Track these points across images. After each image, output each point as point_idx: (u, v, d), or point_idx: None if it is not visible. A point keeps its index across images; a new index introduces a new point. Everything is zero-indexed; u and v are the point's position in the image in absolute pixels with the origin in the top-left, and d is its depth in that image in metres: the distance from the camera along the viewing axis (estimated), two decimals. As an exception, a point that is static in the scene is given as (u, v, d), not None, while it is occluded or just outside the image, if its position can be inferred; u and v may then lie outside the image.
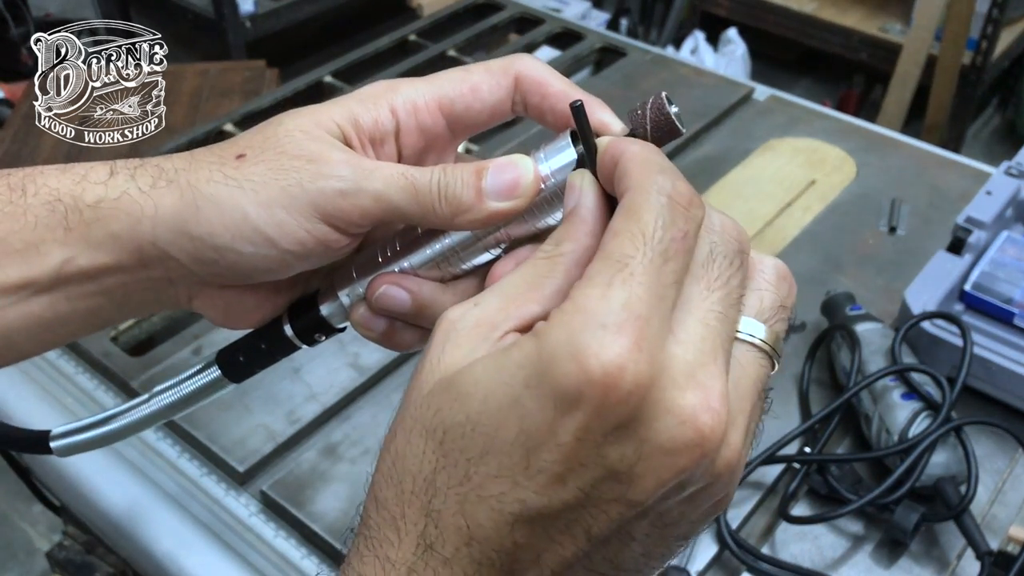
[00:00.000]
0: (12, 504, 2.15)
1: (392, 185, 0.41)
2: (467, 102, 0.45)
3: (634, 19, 3.51)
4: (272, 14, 2.85)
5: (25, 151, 1.97)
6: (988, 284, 1.01)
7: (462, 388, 0.34)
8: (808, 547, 0.86)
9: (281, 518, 0.89)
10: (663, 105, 0.41)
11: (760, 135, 1.38)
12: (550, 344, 0.32)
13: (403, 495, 0.35)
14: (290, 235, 0.41)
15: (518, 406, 0.33)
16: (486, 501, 0.34)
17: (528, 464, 0.33)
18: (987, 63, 2.96)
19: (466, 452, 0.34)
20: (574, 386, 0.32)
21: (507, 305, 0.37)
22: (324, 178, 0.41)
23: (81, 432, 0.53)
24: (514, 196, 0.41)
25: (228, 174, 0.41)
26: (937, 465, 0.84)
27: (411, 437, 0.35)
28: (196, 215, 0.41)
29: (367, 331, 0.46)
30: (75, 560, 1.05)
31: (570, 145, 0.42)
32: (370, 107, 0.44)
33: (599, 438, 0.32)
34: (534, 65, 0.45)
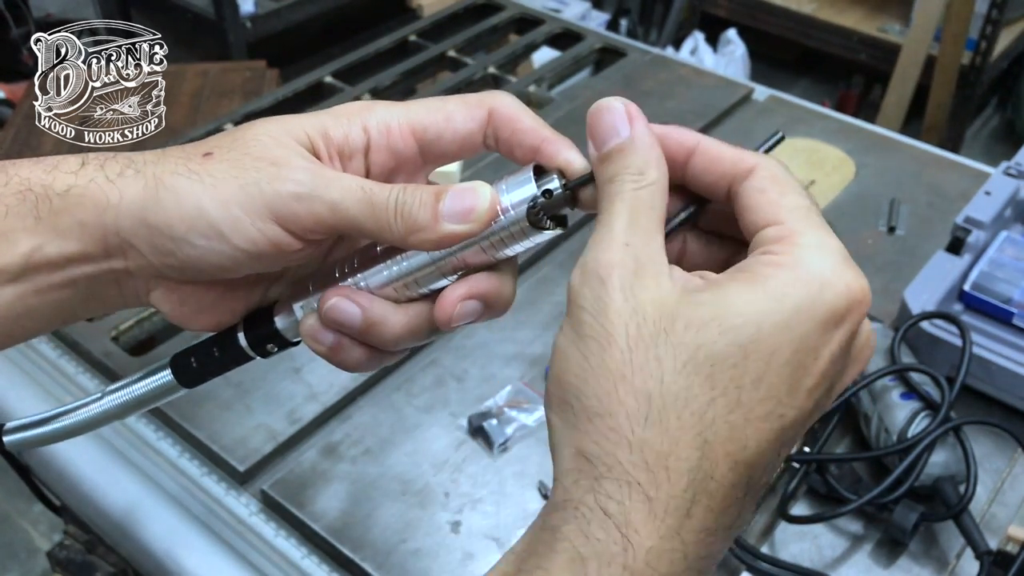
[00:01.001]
0: (13, 504, 2.15)
1: (349, 196, 0.42)
2: (440, 130, 0.46)
3: (634, 20, 3.51)
4: (272, 15, 2.85)
5: (26, 151, 1.97)
6: (987, 284, 1.01)
7: (726, 321, 0.36)
8: (807, 547, 0.86)
9: (281, 518, 0.89)
10: None
11: (760, 135, 1.38)
12: (814, 273, 0.37)
13: (670, 430, 0.36)
14: (242, 233, 0.42)
15: (790, 329, 0.37)
16: (752, 423, 0.36)
17: (794, 381, 0.37)
18: (986, 63, 2.96)
19: (736, 380, 0.36)
20: (844, 305, 0.37)
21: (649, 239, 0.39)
22: (281, 181, 0.42)
23: (33, 427, 0.53)
24: (469, 220, 0.42)
25: (192, 168, 0.43)
26: (936, 465, 0.84)
27: (665, 374, 0.36)
28: (156, 204, 0.42)
29: (315, 344, 0.47)
30: (76, 559, 1.05)
31: (531, 180, 0.43)
32: (343, 122, 0.45)
33: (845, 350, 0.38)
34: (508, 102, 0.46)
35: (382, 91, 1.46)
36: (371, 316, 0.45)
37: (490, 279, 0.44)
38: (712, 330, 0.36)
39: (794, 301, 0.37)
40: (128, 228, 0.43)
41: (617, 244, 0.39)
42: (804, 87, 3.56)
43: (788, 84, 3.43)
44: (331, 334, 0.46)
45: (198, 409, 0.96)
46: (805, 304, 0.37)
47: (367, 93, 1.44)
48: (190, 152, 0.44)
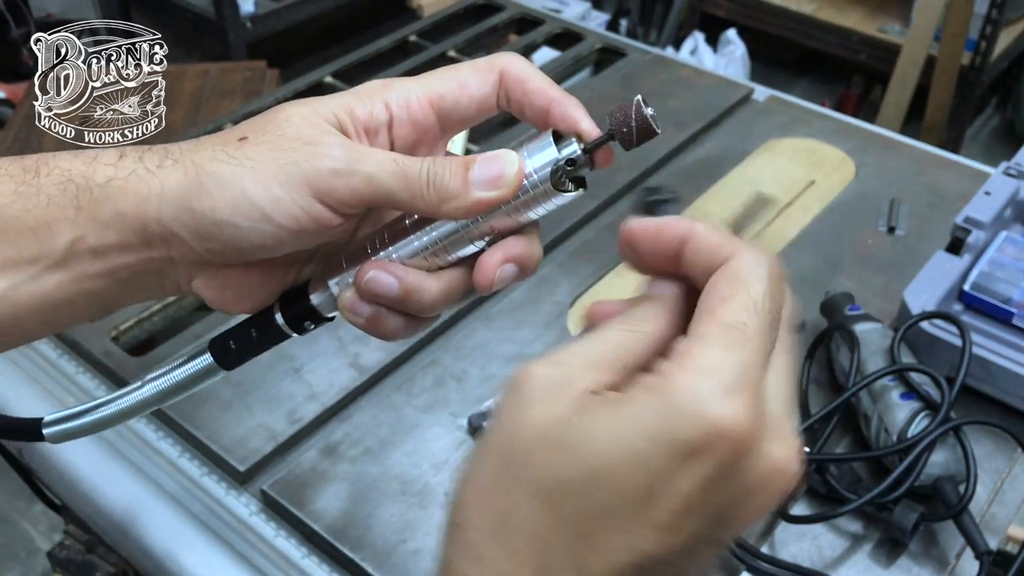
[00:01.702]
0: (13, 504, 2.16)
1: (383, 169, 0.44)
2: (456, 97, 0.48)
3: (634, 20, 3.51)
4: (272, 15, 2.85)
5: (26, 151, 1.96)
6: (987, 284, 1.01)
7: (577, 445, 0.35)
8: (807, 546, 0.87)
9: (281, 518, 0.89)
10: (640, 108, 0.45)
11: (759, 135, 1.39)
12: (677, 400, 0.35)
13: (513, 553, 0.36)
14: (285, 211, 0.44)
15: (641, 459, 0.35)
16: (601, 553, 0.35)
17: (647, 515, 0.35)
18: (986, 64, 2.96)
19: (583, 507, 0.35)
20: (700, 439, 0.34)
21: (590, 370, 0.38)
22: (319, 158, 0.44)
23: (73, 419, 0.53)
24: (499, 187, 0.44)
25: (230, 153, 0.44)
26: (936, 465, 0.84)
27: (517, 495, 0.36)
28: (199, 191, 0.44)
29: (354, 316, 0.48)
30: (76, 559, 1.05)
31: (552, 144, 0.45)
32: (365, 101, 0.47)
33: (714, 486, 0.35)
34: (517, 63, 0.48)
35: (382, 91, 1.46)
36: (408, 285, 0.46)
37: (520, 242, 0.46)
38: (565, 456, 0.36)
39: (647, 431, 0.35)
40: (170, 215, 0.44)
41: (554, 359, 0.39)
42: (804, 87, 3.56)
43: (788, 84, 3.43)
44: (369, 306, 0.47)
45: (198, 409, 0.96)
46: (656, 434, 0.34)
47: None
48: (226, 138, 0.45)
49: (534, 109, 0.47)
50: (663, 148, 1.34)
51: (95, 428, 0.53)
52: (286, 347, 0.98)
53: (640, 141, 0.45)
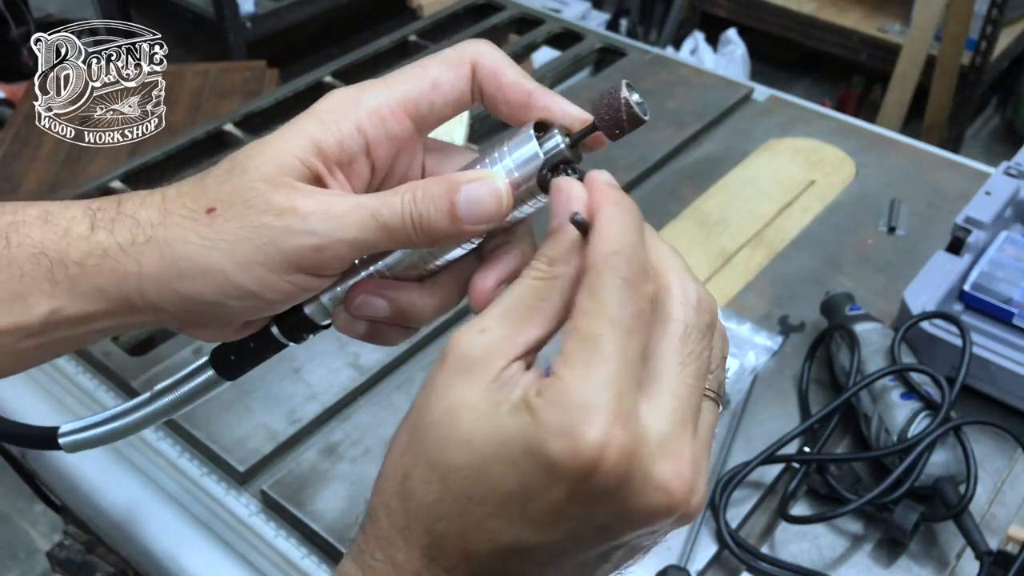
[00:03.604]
0: (13, 504, 2.15)
1: (365, 229, 0.42)
2: (429, 100, 0.45)
3: (634, 19, 3.50)
4: (272, 14, 2.85)
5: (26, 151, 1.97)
6: (987, 284, 1.01)
7: (468, 437, 0.37)
8: (807, 547, 0.86)
9: (281, 518, 0.89)
10: (626, 95, 0.41)
11: (760, 135, 1.39)
12: (543, 422, 0.35)
13: (409, 513, 0.38)
14: (272, 287, 0.43)
15: (517, 467, 0.36)
16: (484, 532, 0.37)
17: (523, 511, 0.36)
18: (986, 63, 2.96)
19: (467, 491, 0.37)
20: (567, 461, 0.35)
21: (512, 332, 0.38)
22: (296, 235, 0.41)
23: (88, 429, 0.54)
24: (491, 219, 0.42)
25: (202, 234, 0.42)
26: (936, 465, 0.84)
27: (419, 462, 0.38)
28: (179, 276, 0.43)
29: (350, 333, 0.47)
30: (76, 560, 1.05)
31: (533, 139, 0.42)
32: (332, 128, 0.43)
33: (587, 500, 0.36)
34: (489, 54, 0.45)
35: (382, 91, 1.46)
36: (398, 305, 0.45)
37: (514, 257, 0.44)
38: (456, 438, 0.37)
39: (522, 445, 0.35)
40: (154, 294, 0.43)
41: (475, 328, 0.38)
42: (804, 87, 3.56)
43: (788, 84, 3.43)
44: (363, 324, 0.47)
45: (198, 409, 0.96)
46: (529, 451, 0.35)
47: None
48: (193, 210, 0.43)
49: (510, 104, 0.44)
50: (663, 148, 1.34)
51: (108, 439, 0.54)
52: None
53: (628, 130, 0.42)
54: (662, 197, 1.27)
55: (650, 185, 1.30)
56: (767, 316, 1.09)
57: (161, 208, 0.43)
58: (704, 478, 0.38)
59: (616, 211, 0.39)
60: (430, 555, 0.38)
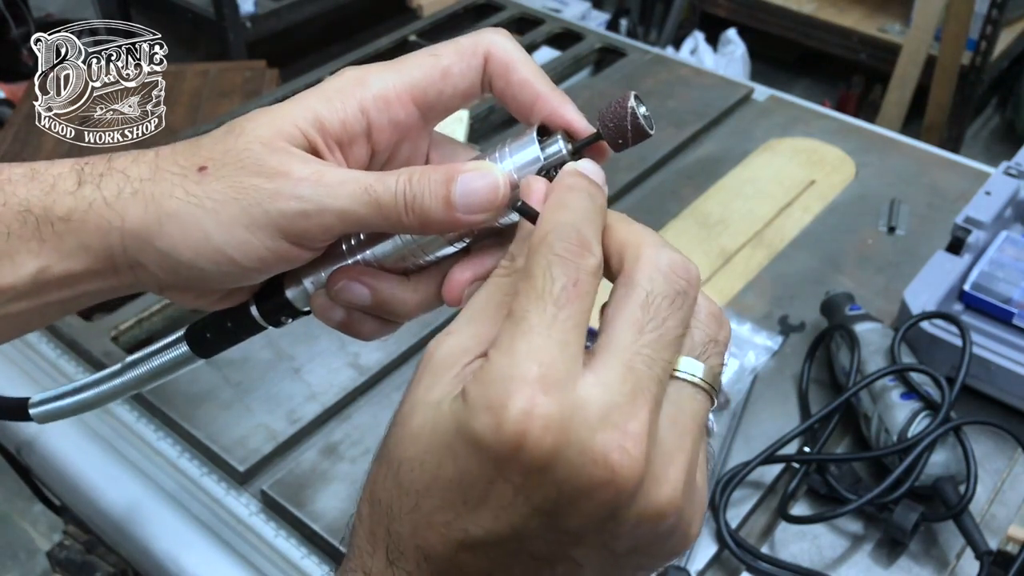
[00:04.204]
0: (12, 504, 2.15)
1: (356, 201, 0.41)
2: (439, 88, 0.44)
3: (634, 19, 3.51)
4: (272, 14, 2.85)
5: (26, 151, 1.97)
6: (987, 284, 1.01)
7: (413, 428, 0.36)
8: (807, 546, 0.86)
9: (281, 518, 0.89)
10: (633, 108, 0.41)
11: (760, 135, 1.39)
12: (470, 401, 0.34)
13: (374, 515, 0.38)
14: (252, 254, 0.42)
15: (452, 452, 0.35)
16: (435, 527, 0.36)
17: (466, 500, 0.35)
18: (986, 63, 2.96)
19: (415, 484, 0.36)
20: (492, 436, 0.33)
21: (478, 330, 0.38)
22: (284, 199, 0.41)
23: (58, 399, 0.54)
24: (484, 211, 0.40)
25: (189, 191, 0.42)
26: (936, 465, 0.84)
27: (380, 463, 0.38)
28: (160, 230, 0.42)
29: (326, 319, 0.46)
30: (75, 560, 1.05)
31: (535, 143, 0.42)
32: (337, 106, 0.43)
33: (521, 480, 0.34)
34: (503, 45, 0.44)
35: (382, 91, 1.46)
36: (380, 295, 0.45)
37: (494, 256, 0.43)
38: (405, 432, 0.37)
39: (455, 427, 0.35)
40: (135, 248, 0.43)
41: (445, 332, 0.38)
42: (804, 87, 3.56)
43: (788, 84, 3.43)
44: (341, 309, 0.46)
45: (198, 409, 0.96)
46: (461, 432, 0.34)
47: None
48: (184, 167, 0.42)
49: (518, 102, 0.44)
50: (663, 148, 1.34)
51: (78, 409, 0.54)
52: (286, 347, 0.98)
53: (633, 143, 0.42)
54: (662, 197, 1.27)
55: (650, 185, 1.30)
56: (767, 316, 1.09)
57: (153, 164, 0.43)
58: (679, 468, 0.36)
59: (563, 194, 0.38)
60: (390, 558, 0.37)
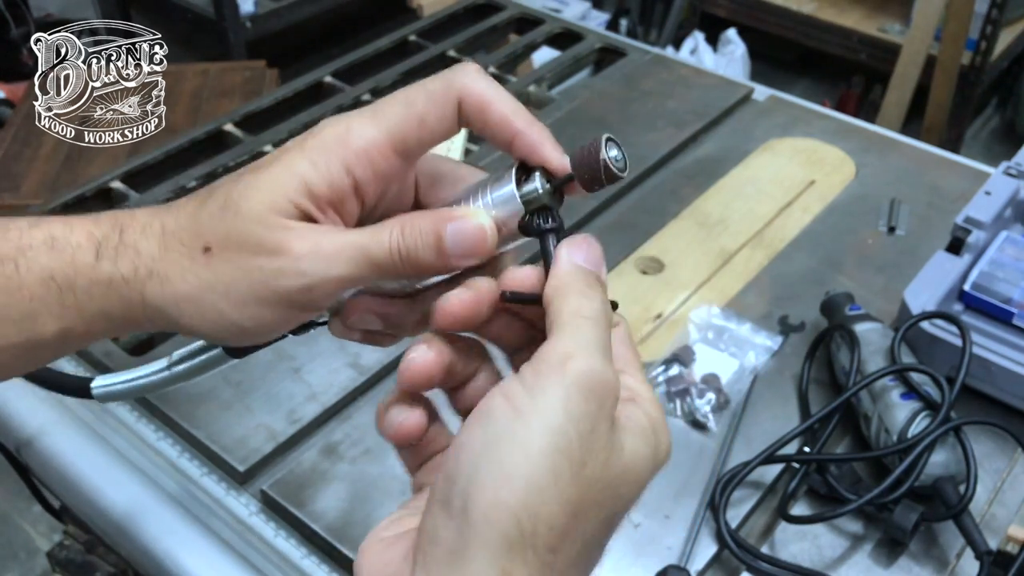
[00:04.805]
0: (13, 504, 2.16)
1: (355, 264, 0.44)
2: (417, 136, 0.45)
3: (634, 19, 3.51)
4: (272, 15, 2.85)
5: (26, 151, 1.97)
6: (987, 284, 1.01)
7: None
8: (807, 546, 0.86)
9: (281, 518, 0.89)
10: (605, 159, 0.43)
11: (760, 135, 1.39)
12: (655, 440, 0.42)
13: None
14: (266, 324, 0.45)
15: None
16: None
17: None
18: (986, 63, 2.96)
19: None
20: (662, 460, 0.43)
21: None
22: (288, 276, 0.44)
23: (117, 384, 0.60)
24: (476, 254, 0.44)
25: (200, 275, 0.45)
26: (936, 465, 0.84)
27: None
28: (179, 311, 0.45)
29: (346, 338, 0.50)
30: (76, 560, 1.05)
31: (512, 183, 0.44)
32: (322, 170, 0.44)
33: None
34: (475, 86, 0.45)
35: (382, 91, 1.46)
36: (390, 320, 0.49)
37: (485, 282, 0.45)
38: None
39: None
40: (158, 321, 0.47)
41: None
42: (804, 87, 3.56)
43: (788, 84, 3.43)
44: (358, 332, 0.50)
45: (198, 409, 0.96)
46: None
47: (368, 93, 1.44)
48: (188, 246, 0.45)
49: (496, 140, 0.45)
50: (663, 148, 1.34)
51: (132, 394, 0.60)
52: (286, 347, 0.98)
53: (600, 185, 0.43)
54: (662, 197, 1.27)
55: (650, 185, 1.30)
56: (767, 316, 1.09)
57: (160, 242, 0.46)
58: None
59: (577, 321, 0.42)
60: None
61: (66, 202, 1.23)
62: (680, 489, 0.90)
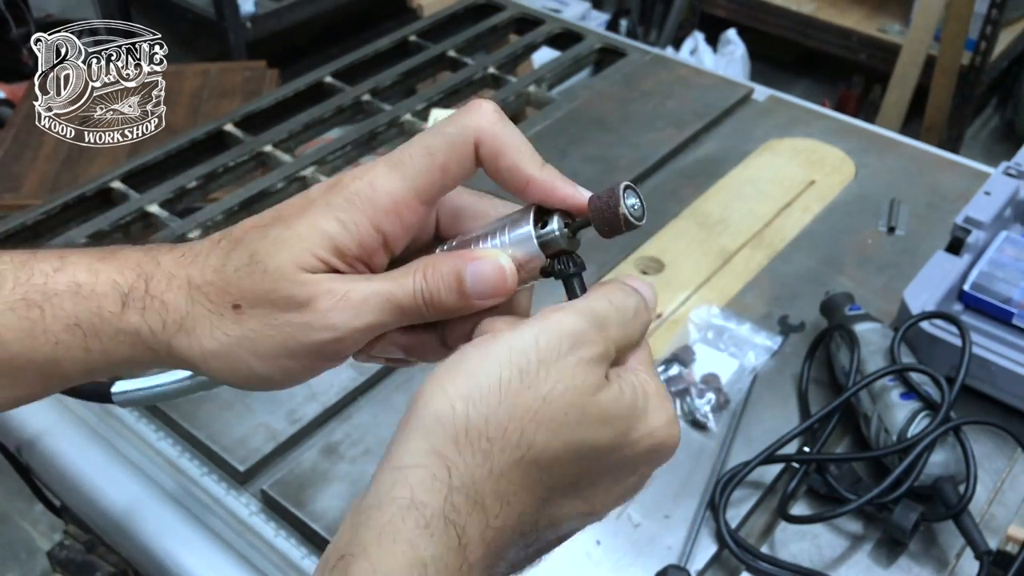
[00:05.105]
0: (13, 503, 2.16)
1: (381, 312, 0.45)
2: (441, 184, 0.46)
3: (634, 20, 3.51)
4: (273, 15, 2.85)
5: (26, 151, 1.97)
6: (987, 284, 1.01)
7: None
8: (807, 546, 0.87)
9: (281, 517, 0.89)
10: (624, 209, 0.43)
11: (759, 135, 1.39)
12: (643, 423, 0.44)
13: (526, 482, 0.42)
14: (294, 375, 0.47)
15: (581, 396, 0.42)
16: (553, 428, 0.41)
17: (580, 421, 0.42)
18: (986, 63, 2.96)
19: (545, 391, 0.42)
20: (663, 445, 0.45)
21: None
22: (316, 331, 0.44)
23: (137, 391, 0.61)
24: (496, 295, 0.45)
25: (228, 332, 0.46)
26: (936, 465, 0.84)
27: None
28: (206, 366, 0.46)
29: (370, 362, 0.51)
30: (76, 559, 1.05)
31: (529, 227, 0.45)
32: (351, 229, 0.45)
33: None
34: (491, 131, 0.45)
35: (382, 91, 1.46)
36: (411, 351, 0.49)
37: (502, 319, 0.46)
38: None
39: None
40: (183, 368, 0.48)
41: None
42: (804, 87, 3.56)
43: (788, 84, 3.43)
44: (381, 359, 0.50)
45: (198, 409, 0.96)
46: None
47: (368, 93, 1.44)
48: (217, 303, 0.46)
49: (510, 187, 0.46)
50: (663, 148, 1.34)
51: (151, 400, 0.61)
52: (286, 347, 0.98)
53: (619, 233, 0.44)
54: (662, 197, 1.27)
55: (650, 185, 1.30)
56: (767, 316, 1.09)
57: (188, 296, 0.46)
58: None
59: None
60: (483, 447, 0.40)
61: (66, 202, 1.23)
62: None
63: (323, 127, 1.42)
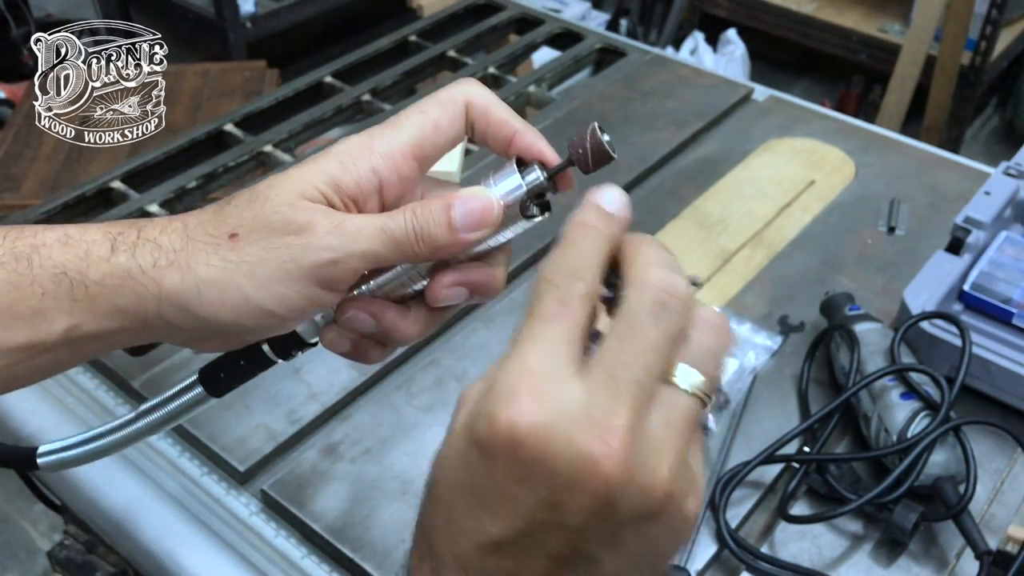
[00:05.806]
0: (13, 503, 2.16)
1: (375, 241, 0.47)
2: (433, 141, 0.50)
3: (634, 20, 3.51)
4: (273, 15, 2.85)
5: (26, 151, 1.97)
6: (987, 284, 1.01)
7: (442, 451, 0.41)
8: (807, 546, 0.87)
9: (281, 517, 0.89)
10: (596, 134, 0.47)
11: (759, 135, 1.39)
12: (474, 411, 0.38)
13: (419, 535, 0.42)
14: (289, 305, 0.47)
15: (467, 460, 0.38)
16: (465, 535, 0.39)
17: (483, 503, 0.38)
18: (986, 63, 2.96)
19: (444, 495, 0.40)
20: (489, 439, 0.37)
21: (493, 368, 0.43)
22: (315, 250, 0.46)
23: (68, 449, 0.57)
24: (482, 227, 0.47)
25: (225, 257, 0.46)
26: (936, 465, 0.84)
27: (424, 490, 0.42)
28: (199, 298, 0.46)
29: (334, 349, 0.52)
30: (76, 559, 1.05)
31: (516, 173, 0.48)
32: (351, 170, 0.48)
33: (520, 476, 0.36)
34: (479, 93, 0.50)
35: (382, 91, 1.46)
36: (383, 323, 0.50)
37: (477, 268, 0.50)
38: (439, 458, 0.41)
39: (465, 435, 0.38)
40: (172, 314, 0.47)
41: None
42: (804, 87, 3.56)
43: (788, 84, 3.44)
44: (348, 340, 0.52)
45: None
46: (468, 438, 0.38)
47: (368, 93, 1.44)
48: (215, 236, 0.47)
49: (497, 139, 0.50)
50: (663, 148, 1.34)
51: (89, 458, 0.57)
52: (286, 347, 0.98)
53: (597, 165, 0.48)
54: (662, 197, 1.27)
55: (650, 185, 1.30)
56: (767, 316, 1.09)
57: (183, 235, 0.47)
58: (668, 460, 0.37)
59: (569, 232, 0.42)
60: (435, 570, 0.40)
61: (66, 202, 1.23)
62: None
63: (323, 127, 1.42)
